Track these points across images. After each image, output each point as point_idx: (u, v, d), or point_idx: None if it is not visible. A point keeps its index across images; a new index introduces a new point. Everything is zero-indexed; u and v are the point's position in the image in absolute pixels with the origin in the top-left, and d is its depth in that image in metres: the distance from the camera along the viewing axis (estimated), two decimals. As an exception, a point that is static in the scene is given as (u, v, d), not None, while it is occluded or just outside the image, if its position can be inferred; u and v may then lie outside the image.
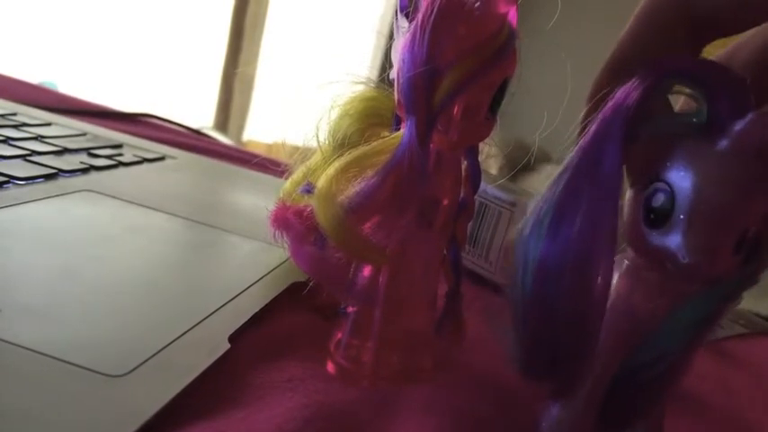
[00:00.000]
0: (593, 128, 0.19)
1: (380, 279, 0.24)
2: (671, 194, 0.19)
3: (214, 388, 0.21)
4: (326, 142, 0.27)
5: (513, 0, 0.21)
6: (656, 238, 0.19)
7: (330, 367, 0.24)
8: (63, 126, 0.46)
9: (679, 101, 0.22)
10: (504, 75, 0.22)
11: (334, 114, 0.27)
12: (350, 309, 0.24)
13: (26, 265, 0.25)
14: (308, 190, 0.23)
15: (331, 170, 0.22)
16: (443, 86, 0.21)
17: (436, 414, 0.23)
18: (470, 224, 0.26)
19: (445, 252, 0.26)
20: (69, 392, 0.18)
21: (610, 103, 0.19)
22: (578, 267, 0.19)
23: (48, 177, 0.34)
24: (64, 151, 0.40)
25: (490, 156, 0.29)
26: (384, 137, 0.24)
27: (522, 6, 0.23)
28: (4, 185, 0.32)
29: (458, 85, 0.21)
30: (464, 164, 0.25)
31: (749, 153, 0.18)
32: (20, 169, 0.34)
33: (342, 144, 0.26)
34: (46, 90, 0.68)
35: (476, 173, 0.25)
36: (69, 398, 0.18)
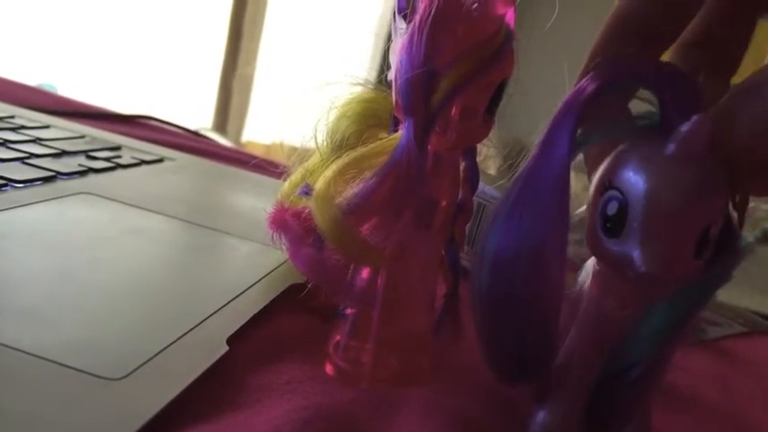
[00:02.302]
0: (546, 127, 0.20)
1: (378, 280, 0.24)
2: (624, 202, 0.19)
3: (212, 390, 0.21)
4: (324, 144, 0.27)
5: (511, 1, 0.21)
6: (614, 246, 0.19)
7: (329, 369, 0.24)
8: (61, 128, 0.46)
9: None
10: (502, 76, 0.22)
11: (332, 116, 0.27)
12: (348, 310, 0.24)
13: (24, 267, 0.25)
14: (306, 192, 0.23)
15: (329, 172, 0.22)
16: (441, 88, 0.21)
17: (435, 416, 0.23)
18: (468, 225, 0.26)
19: (443, 253, 0.26)
20: (67, 395, 0.18)
21: (561, 103, 0.20)
22: (530, 259, 0.19)
23: (46, 180, 0.34)
24: (62, 154, 0.40)
25: (489, 156, 0.29)
26: (382, 138, 0.24)
27: (519, 6, 0.23)
28: (3, 188, 0.32)
29: (456, 87, 0.21)
30: (462, 165, 0.25)
31: (697, 155, 0.18)
32: (18, 172, 0.34)
33: (340, 146, 0.26)
34: (44, 92, 0.68)
35: (474, 174, 0.25)
36: (67, 401, 0.18)
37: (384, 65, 0.24)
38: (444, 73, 0.21)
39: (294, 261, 0.23)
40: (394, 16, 0.25)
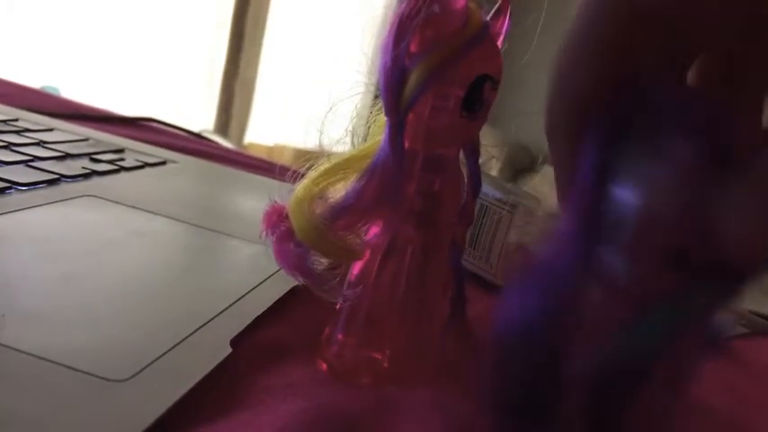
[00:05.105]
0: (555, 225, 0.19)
1: (373, 276, 0.24)
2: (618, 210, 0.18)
3: (216, 392, 0.21)
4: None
5: None
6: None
7: (320, 363, 0.24)
8: (65, 131, 0.47)
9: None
10: (475, 71, 0.22)
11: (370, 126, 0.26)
12: (339, 305, 0.24)
13: (28, 270, 0.25)
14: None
15: (310, 176, 0.23)
16: (408, 85, 0.21)
17: (437, 418, 0.23)
18: (471, 226, 0.26)
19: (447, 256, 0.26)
20: (72, 397, 0.18)
21: (567, 206, 0.19)
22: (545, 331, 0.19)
23: (50, 183, 0.35)
24: (66, 156, 0.40)
25: (490, 158, 0.29)
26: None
27: (521, 7, 0.23)
28: (7, 191, 0.32)
29: (421, 83, 0.21)
30: (465, 169, 0.25)
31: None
32: (22, 175, 0.34)
33: None
34: (47, 95, 0.68)
35: (476, 178, 0.25)
36: (72, 403, 0.18)
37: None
38: (411, 72, 0.21)
39: (277, 258, 0.23)
40: None
